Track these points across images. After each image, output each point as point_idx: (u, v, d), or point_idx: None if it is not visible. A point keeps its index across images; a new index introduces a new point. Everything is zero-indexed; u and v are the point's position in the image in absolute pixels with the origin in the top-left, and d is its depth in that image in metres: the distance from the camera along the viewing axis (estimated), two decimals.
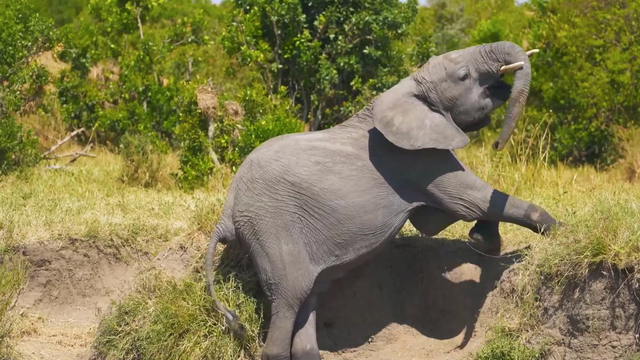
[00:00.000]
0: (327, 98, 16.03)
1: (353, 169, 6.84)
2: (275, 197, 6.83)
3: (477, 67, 6.89)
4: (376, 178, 6.84)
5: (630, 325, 6.40)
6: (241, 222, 6.93)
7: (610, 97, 16.61)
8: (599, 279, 6.47)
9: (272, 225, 6.82)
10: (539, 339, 6.64)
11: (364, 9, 16.01)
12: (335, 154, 6.88)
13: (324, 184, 6.80)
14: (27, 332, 8.17)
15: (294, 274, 6.82)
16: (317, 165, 6.84)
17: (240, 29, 15.92)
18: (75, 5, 32.71)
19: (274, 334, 6.89)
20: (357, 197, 6.81)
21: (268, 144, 7.14)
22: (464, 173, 6.91)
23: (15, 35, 13.88)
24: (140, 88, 18.06)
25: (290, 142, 7.02)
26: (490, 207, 6.87)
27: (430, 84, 6.91)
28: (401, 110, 6.88)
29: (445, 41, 24.32)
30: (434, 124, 6.84)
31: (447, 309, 7.52)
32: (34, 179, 12.71)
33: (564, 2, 18.37)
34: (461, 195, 6.85)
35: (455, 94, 6.90)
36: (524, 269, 6.90)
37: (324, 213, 6.81)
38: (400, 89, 7.02)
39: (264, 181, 6.86)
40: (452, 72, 6.88)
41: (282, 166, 6.86)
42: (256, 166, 6.93)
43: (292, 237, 6.82)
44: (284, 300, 6.85)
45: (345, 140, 6.96)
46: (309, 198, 6.81)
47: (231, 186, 7.09)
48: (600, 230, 6.53)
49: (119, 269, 8.90)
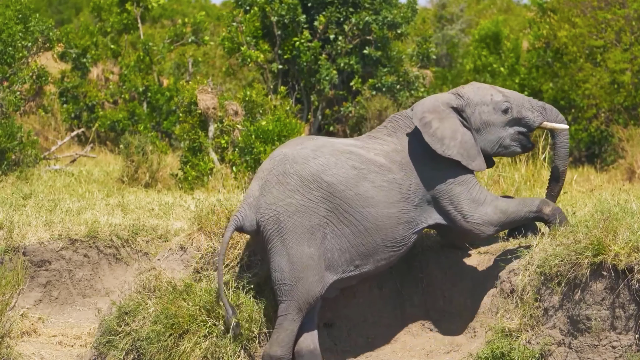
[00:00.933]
0: (327, 98, 16.04)
1: (384, 180, 6.89)
2: (308, 196, 6.78)
3: (521, 111, 7.18)
4: (403, 192, 6.91)
5: (630, 325, 6.40)
6: (266, 216, 6.82)
7: (611, 98, 16.61)
8: (599, 280, 6.47)
9: (299, 225, 6.76)
10: (539, 340, 6.64)
11: (363, 10, 16.02)
12: (370, 162, 6.92)
13: (359, 190, 6.81)
14: (27, 332, 8.17)
15: (310, 279, 6.78)
16: (354, 170, 6.85)
17: (240, 30, 15.93)
18: (75, 6, 32.73)
19: (279, 335, 6.84)
20: (385, 208, 6.85)
21: (298, 142, 7.09)
22: (477, 191, 7.03)
23: (15, 36, 13.89)
24: (140, 88, 18.07)
25: (326, 143, 7.02)
26: (505, 216, 6.99)
27: (469, 101, 7.16)
28: (438, 116, 7.09)
29: (446, 42, 24.33)
30: (464, 139, 7.06)
31: (447, 310, 7.52)
32: (34, 179, 12.72)
33: (564, 2, 18.37)
34: (473, 214, 6.95)
35: (490, 121, 7.15)
36: (524, 270, 6.90)
37: (354, 220, 6.81)
38: (440, 97, 7.25)
39: (299, 177, 6.80)
40: (497, 100, 7.14)
41: (321, 165, 6.83)
42: (291, 161, 6.86)
43: (316, 241, 6.77)
44: (295, 303, 6.80)
45: (378, 151, 7.02)
46: (341, 202, 6.79)
47: (257, 176, 6.98)
48: (600, 231, 6.53)
49: (119, 270, 8.90)
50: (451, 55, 24.11)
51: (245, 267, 7.41)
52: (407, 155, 7.01)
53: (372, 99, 15.61)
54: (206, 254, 7.62)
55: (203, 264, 7.56)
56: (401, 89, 16.12)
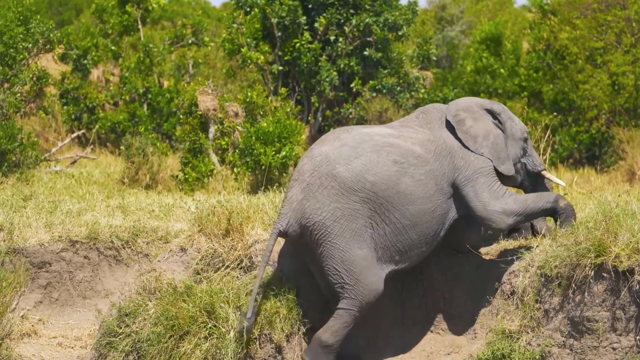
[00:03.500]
0: (328, 100, 16.04)
1: (422, 172, 6.94)
2: (353, 199, 6.77)
3: (532, 151, 7.55)
4: (437, 184, 6.98)
5: (630, 327, 6.40)
6: (312, 221, 6.79)
7: (611, 99, 16.61)
8: (599, 281, 6.47)
9: (346, 229, 6.76)
10: (540, 341, 6.64)
11: (364, 11, 16.02)
12: (408, 153, 6.95)
13: (400, 187, 6.83)
14: (27, 333, 8.17)
15: (369, 279, 6.81)
16: (395, 166, 6.86)
17: (241, 31, 15.94)
18: (76, 7, 32.73)
19: (335, 324, 6.86)
20: (423, 203, 6.90)
21: (335, 137, 7.03)
22: (498, 185, 7.15)
23: (16, 38, 13.90)
24: (141, 90, 18.07)
25: (365, 136, 6.97)
26: (524, 207, 7.07)
27: (501, 107, 7.49)
28: (472, 116, 7.30)
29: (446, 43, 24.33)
30: (496, 141, 7.27)
31: (448, 311, 7.52)
32: (34, 180, 12.71)
33: (564, 4, 18.37)
34: (494, 203, 7.02)
35: (516, 136, 7.45)
36: (525, 271, 6.90)
37: (394, 218, 6.84)
38: (474, 99, 7.50)
39: (342, 180, 6.78)
40: (522, 128, 7.50)
41: (363, 165, 6.80)
42: (333, 162, 6.82)
43: (365, 241, 6.80)
44: (357, 301, 6.83)
45: (414, 140, 7.07)
46: (384, 201, 6.80)
47: (297, 178, 6.93)
48: (600, 232, 6.53)
49: (119, 271, 8.90)
50: (451, 56, 24.11)
51: (245, 268, 7.41)
52: (440, 145, 7.09)
53: (373, 100, 15.62)
54: (206, 255, 7.62)
55: (203, 265, 7.57)
56: (401, 91, 16.12)
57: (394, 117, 15.42)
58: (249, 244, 7.55)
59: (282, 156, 12.66)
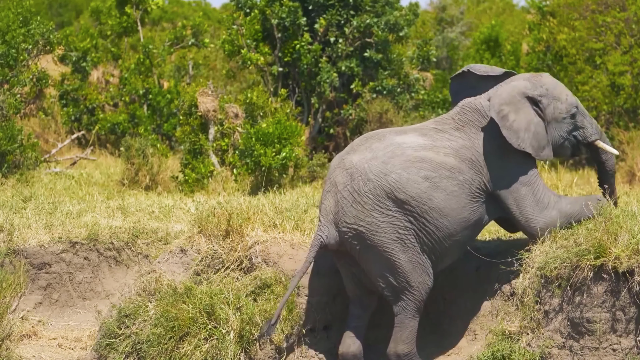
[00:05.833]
0: (328, 101, 16.04)
1: (455, 184, 6.89)
2: (387, 212, 6.78)
3: (583, 120, 7.29)
4: (472, 192, 6.94)
5: (630, 328, 6.40)
6: (350, 234, 6.83)
7: (611, 100, 16.61)
8: (599, 282, 6.47)
9: (385, 239, 6.79)
10: (540, 342, 6.64)
11: (364, 12, 16.02)
12: (440, 167, 6.89)
13: (432, 203, 6.82)
14: (27, 335, 8.17)
15: (418, 279, 6.85)
16: (426, 182, 6.82)
17: (241, 32, 15.94)
18: (76, 8, 32.73)
19: (403, 333, 6.90)
20: (458, 214, 6.88)
21: (366, 146, 6.99)
22: (541, 192, 7.01)
23: (17, 39, 13.90)
24: (141, 91, 18.07)
25: (396, 150, 6.91)
26: (566, 220, 6.97)
27: (547, 92, 7.20)
28: (514, 108, 7.09)
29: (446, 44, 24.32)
30: (537, 130, 7.10)
31: (448, 312, 7.52)
32: (34, 182, 12.72)
33: (563, 5, 18.38)
34: (538, 218, 6.95)
35: (559, 119, 7.20)
36: (524, 272, 6.90)
37: (430, 230, 6.85)
38: (517, 85, 7.21)
39: (374, 197, 6.78)
40: (570, 102, 7.23)
41: (394, 182, 6.78)
42: (364, 178, 6.81)
43: (408, 246, 6.83)
44: (412, 303, 6.88)
45: (447, 150, 6.98)
46: (417, 215, 6.81)
47: (328, 190, 6.95)
48: (600, 233, 6.53)
49: (119, 272, 8.91)
50: (451, 57, 24.09)
51: (245, 270, 7.41)
52: (476, 151, 7.00)
53: (373, 101, 15.62)
54: (206, 256, 7.63)
55: (203, 266, 7.57)
56: (402, 92, 16.12)
57: (394, 118, 15.41)
58: (249, 245, 7.55)
59: (282, 157, 12.66)
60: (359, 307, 7.08)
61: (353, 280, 7.08)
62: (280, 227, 7.82)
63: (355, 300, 7.11)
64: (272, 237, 7.65)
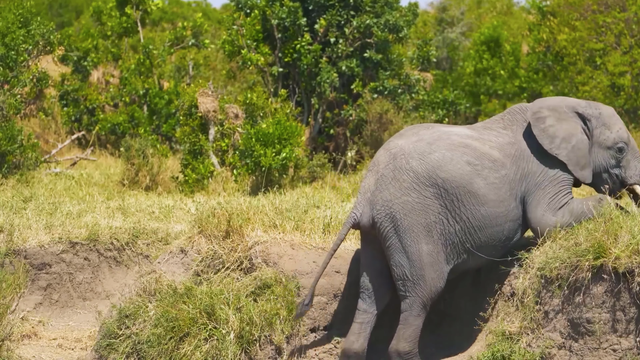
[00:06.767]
0: (328, 101, 16.04)
1: (497, 176, 6.90)
2: (424, 194, 6.80)
3: (630, 160, 7.15)
4: (512, 189, 6.94)
5: (630, 328, 6.40)
6: (382, 213, 6.84)
7: (611, 101, 16.61)
8: (599, 283, 6.47)
9: (415, 223, 6.79)
10: (540, 343, 6.64)
11: (364, 13, 16.02)
12: (484, 156, 6.92)
13: (472, 187, 6.82)
14: (27, 335, 8.17)
15: (432, 275, 6.84)
16: (468, 166, 6.85)
17: (241, 33, 15.94)
18: (76, 9, 32.73)
19: (406, 331, 6.90)
20: (495, 206, 6.87)
21: (413, 132, 7.06)
22: (563, 196, 6.98)
23: (17, 40, 13.91)
24: (141, 91, 18.08)
25: (442, 135, 6.97)
26: (574, 220, 6.93)
27: (600, 117, 7.15)
28: (557, 116, 7.10)
29: (446, 45, 24.31)
30: (578, 146, 7.06)
31: (448, 312, 7.52)
32: (34, 182, 12.72)
33: (563, 5, 18.39)
34: (547, 220, 6.90)
35: (604, 145, 7.13)
36: (525, 273, 6.90)
37: (464, 217, 6.84)
38: (568, 100, 7.28)
39: (415, 174, 6.81)
40: (620, 136, 7.13)
41: (436, 161, 6.82)
42: (407, 156, 6.86)
43: (433, 238, 6.82)
44: (420, 299, 6.87)
45: (493, 144, 7.02)
46: (454, 199, 6.81)
47: (371, 169, 6.99)
48: (600, 234, 6.53)
49: (119, 273, 8.91)
50: (452, 58, 24.08)
51: (245, 270, 7.42)
52: (520, 148, 7.01)
53: (373, 102, 15.62)
54: (206, 256, 7.63)
55: (203, 267, 7.57)
56: (402, 92, 16.13)
57: (394, 119, 15.41)
58: (249, 246, 7.55)
59: (282, 158, 12.67)
60: (367, 302, 7.07)
61: (372, 268, 7.06)
62: (280, 228, 7.83)
63: (365, 295, 7.09)
64: (272, 237, 7.66)
